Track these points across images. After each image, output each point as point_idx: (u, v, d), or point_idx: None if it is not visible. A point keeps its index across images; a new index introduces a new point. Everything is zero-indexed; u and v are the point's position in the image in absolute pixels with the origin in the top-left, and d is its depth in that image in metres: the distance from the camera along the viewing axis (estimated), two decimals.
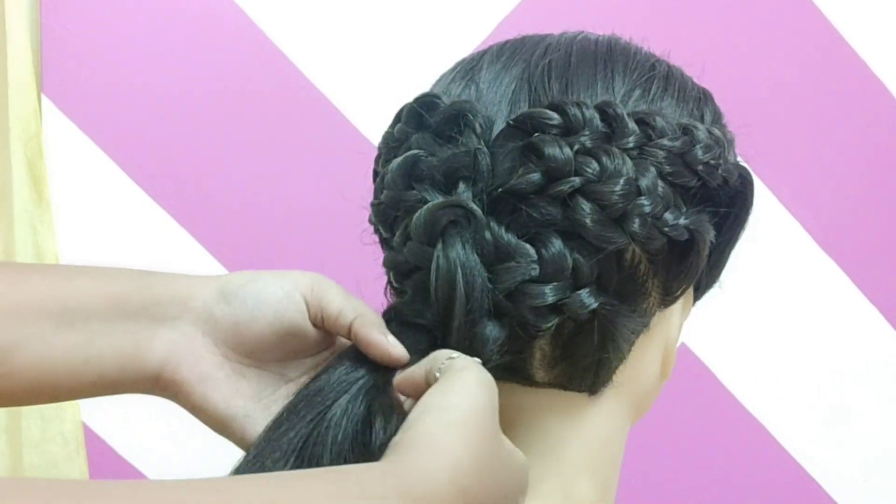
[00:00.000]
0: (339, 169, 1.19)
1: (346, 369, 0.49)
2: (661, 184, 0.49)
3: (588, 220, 0.47)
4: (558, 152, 0.48)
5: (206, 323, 0.50)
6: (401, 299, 0.51)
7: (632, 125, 0.49)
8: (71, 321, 0.48)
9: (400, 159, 0.50)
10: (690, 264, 0.53)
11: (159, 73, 1.17)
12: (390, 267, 0.52)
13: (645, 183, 0.48)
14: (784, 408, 1.36)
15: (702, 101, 0.55)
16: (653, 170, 0.49)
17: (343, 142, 1.21)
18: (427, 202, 0.49)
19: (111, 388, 0.50)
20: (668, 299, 0.54)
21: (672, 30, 1.25)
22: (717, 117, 0.55)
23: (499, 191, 0.48)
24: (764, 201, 1.30)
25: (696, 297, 0.59)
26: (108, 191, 1.17)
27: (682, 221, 0.50)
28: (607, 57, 0.53)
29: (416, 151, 0.50)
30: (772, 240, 1.32)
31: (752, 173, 0.57)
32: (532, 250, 0.48)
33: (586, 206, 0.48)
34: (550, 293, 0.48)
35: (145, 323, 0.49)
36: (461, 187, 0.49)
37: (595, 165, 0.48)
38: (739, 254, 0.59)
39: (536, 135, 0.48)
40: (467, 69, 0.54)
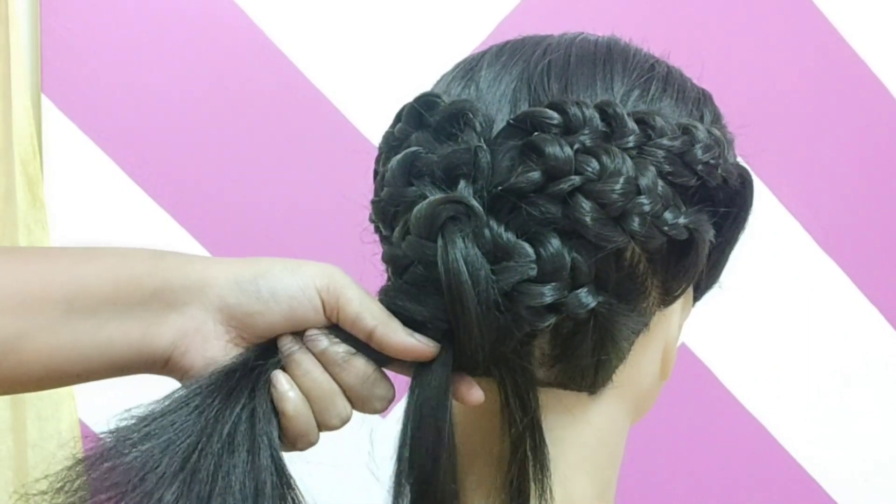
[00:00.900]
0: (338, 169, 1.19)
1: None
2: (660, 183, 0.49)
3: (588, 219, 0.47)
4: (558, 151, 0.48)
5: (218, 311, 0.50)
6: (395, 290, 0.51)
7: (631, 124, 0.49)
8: (79, 308, 0.48)
9: (400, 156, 0.51)
10: (690, 264, 0.53)
11: (159, 73, 1.17)
12: (388, 261, 0.53)
13: (645, 182, 0.48)
14: (784, 408, 1.36)
15: (701, 101, 0.55)
16: (652, 169, 0.49)
17: (343, 142, 1.21)
18: (426, 198, 0.49)
19: (121, 371, 0.50)
20: (667, 299, 0.54)
21: (672, 30, 1.25)
22: (716, 118, 0.55)
23: (498, 189, 0.48)
24: (764, 201, 1.30)
25: (696, 297, 0.59)
26: (108, 191, 1.17)
27: (681, 221, 0.50)
28: (607, 57, 0.53)
29: (417, 148, 0.50)
30: (772, 240, 1.32)
31: (752, 173, 0.57)
32: (530, 249, 0.48)
33: (586, 204, 0.48)
34: (549, 293, 0.48)
35: (155, 307, 0.49)
36: (461, 184, 0.49)
37: (595, 164, 0.48)
38: (739, 254, 0.59)
39: (536, 133, 0.48)
40: (467, 69, 0.54)
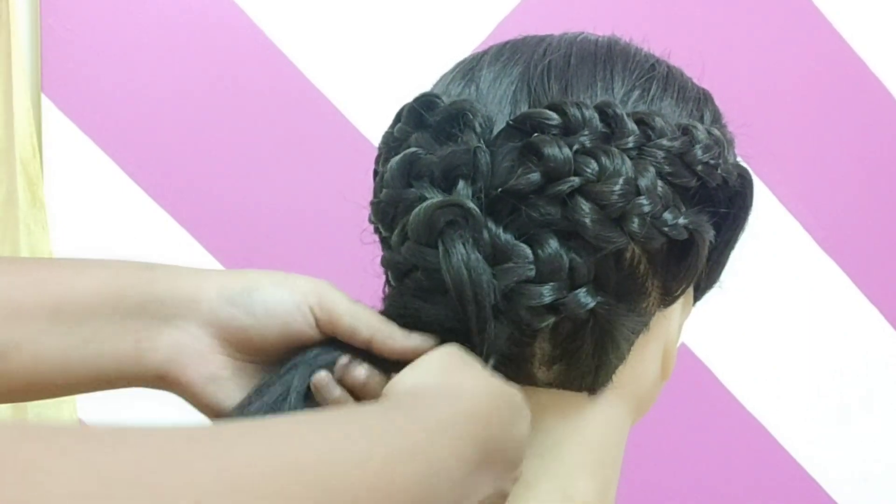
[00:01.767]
0: (338, 169, 1.19)
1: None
2: (660, 184, 0.49)
3: (587, 220, 0.47)
4: (557, 152, 0.48)
5: (212, 325, 0.49)
6: (399, 299, 0.51)
7: (631, 125, 0.49)
8: (67, 320, 0.47)
9: (399, 157, 0.50)
10: (690, 264, 0.53)
11: (159, 73, 1.17)
12: (388, 266, 0.52)
13: (644, 183, 0.48)
14: (784, 408, 1.36)
15: (701, 101, 0.55)
16: (652, 170, 0.49)
17: (343, 142, 1.21)
18: (426, 200, 0.49)
19: (110, 385, 0.50)
20: (667, 299, 0.54)
21: (672, 30, 1.25)
22: (716, 118, 0.55)
23: (498, 190, 0.48)
24: (764, 201, 1.30)
25: (696, 297, 0.59)
26: (108, 191, 1.17)
27: (681, 221, 0.50)
28: (607, 57, 0.53)
29: (416, 149, 0.50)
30: (772, 240, 1.32)
31: (752, 173, 0.57)
32: (528, 251, 0.48)
33: (585, 205, 0.47)
34: (547, 293, 0.48)
35: (147, 321, 0.49)
36: (460, 185, 0.49)
37: (594, 165, 0.48)
38: (739, 254, 0.59)
39: (536, 135, 0.48)
40: (467, 69, 0.54)
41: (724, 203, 0.54)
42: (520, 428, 0.46)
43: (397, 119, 0.53)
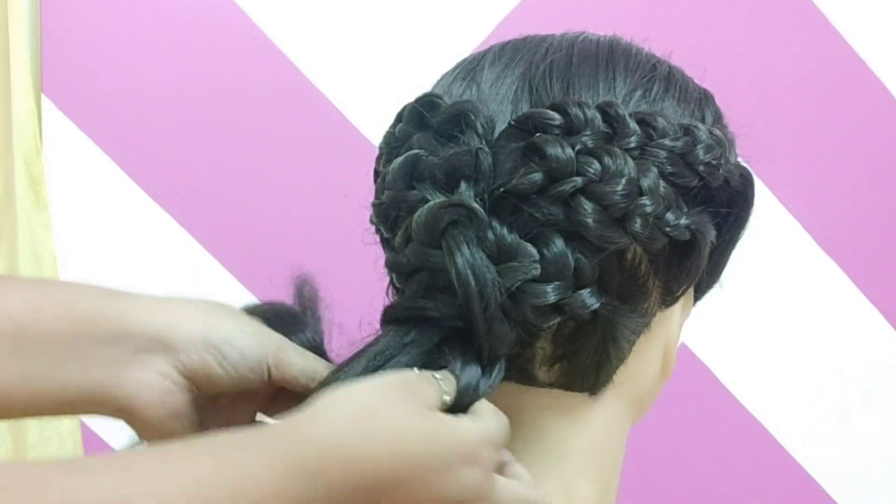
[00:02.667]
0: (338, 168, 1.19)
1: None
2: (662, 184, 0.49)
3: (590, 220, 0.47)
4: (560, 152, 0.48)
5: (182, 366, 0.48)
6: (403, 297, 0.51)
7: (633, 125, 0.49)
8: (30, 346, 0.46)
9: (401, 159, 0.50)
10: (691, 264, 0.53)
11: (159, 74, 1.17)
12: (392, 268, 0.52)
13: (646, 183, 0.48)
14: (784, 408, 1.36)
15: (703, 101, 0.55)
16: (654, 170, 0.49)
17: (343, 142, 1.21)
18: (428, 202, 0.49)
19: (72, 412, 0.49)
20: (668, 299, 0.54)
21: (672, 31, 1.25)
22: (718, 118, 0.55)
23: (500, 191, 0.48)
24: (764, 201, 1.30)
25: (697, 297, 0.59)
26: (108, 191, 1.17)
27: (683, 221, 0.50)
28: (609, 58, 0.53)
29: (418, 151, 0.50)
30: (772, 240, 1.32)
31: (752, 173, 0.57)
32: (533, 250, 0.48)
33: (588, 205, 0.47)
34: (552, 292, 0.48)
35: (115, 354, 0.48)
36: (462, 187, 0.49)
37: (597, 165, 0.48)
38: (739, 254, 0.59)
39: (538, 135, 0.48)
40: (468, 69, 0.54)
41: (725, 203, 0.54)
42: (459, 481, 0.42)
43: (398, 119, 0.53)
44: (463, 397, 0.46)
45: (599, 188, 0.48)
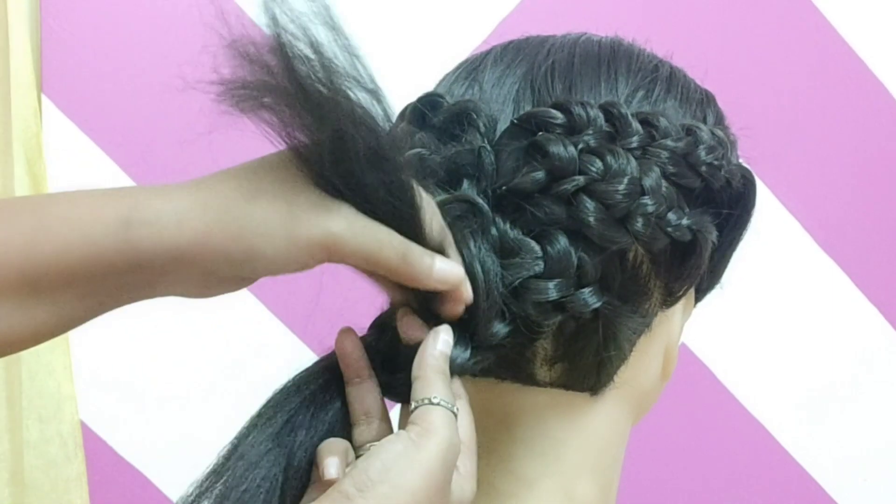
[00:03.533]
0: None
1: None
2: (664, 184, 0.49)
3: (592, 219, 0.47)
4: (563, 151, 0.48)
5: (205, 280, 0.45)
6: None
7: (636, 125, 0.49)
8: (41, 293, 0.43)
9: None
10: (692, 265, 0.53)
11: (159, 74, 1.17)
12: None
13: (649, 183, 0.48)
14: (784, 408, 1.36)
15: (704, 102, 0.55)
16: (656, 170, 0.49)
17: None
18: None
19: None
20: (669, 300, 0.54)
21: (672, 31, 1.25)
22: (719, 119, 0.55)
23: (503, 189, 0.49)
24: (764, 201, 1.30)
25: (698, 298, 0.59)
26: None
27: (684, 222, 0.50)
28: (611, 58, 0.53)
29: (420, 150, 0.50)
30: (772, 240, 1.32)
31: (754, 175, 0.57)
32: (537, 247, 0.48)
33: (590, 204, 0.48)
34: (554, 290, 0.48)
35: (136, 282, 0.44)
36: (465, 185, 0.49)
37: (599, 164, 0.48)
38: (739, 254, 0.59)
39: (541, 133, 0.48)
40: (470, 69, 0.54)
41: (727, 204, 0.54)
42: None
43: (401, 118, 0.54)
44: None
45: (602, 187, 0.48)
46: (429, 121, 0.51)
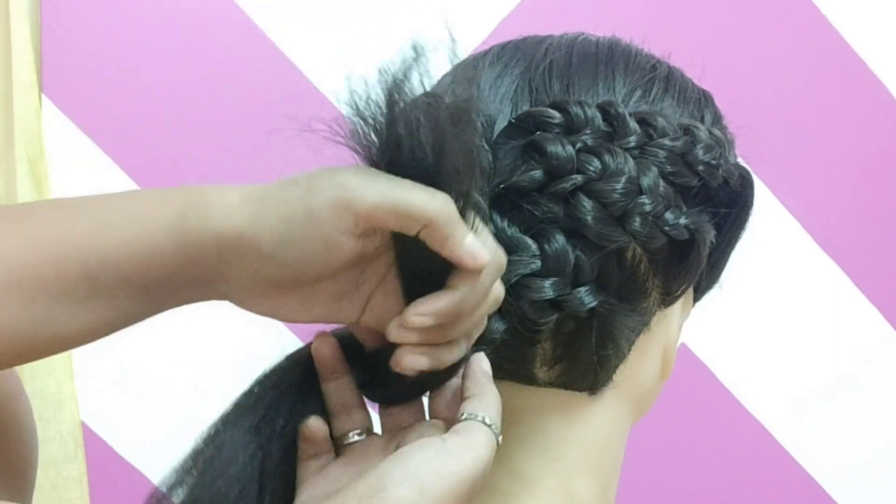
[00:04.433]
0: None
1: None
2: (662, 183, 0.49)
3: (589, 218, 0.48)
4: (560, 150, 0.48)
5: (254, 276, 0.44)
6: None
7: (633, 125, 0.49)
8: (100, 290, 0.43)
9: None
10: (691, 264, 0.53)
11: (159, 74, 1.17)
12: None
13: (646, 182, 0.48)
14: (784, 408, 1.36)
15: (702, 102, 0.55)
16: (654, 169, 0.49)
17: (343, 142, 1.21)
18: None
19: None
20: (668, 299, 0.54)
21: (672, 31, 1.25)
22: (717, 118, 0.55)
23: (500, 188, 0.49)
24: (764, 201, 1.30)
25: (696, 297, 0.59)
26: (108, 191, 1.17)
27: (682, 221, 0.50)
28: (608, 58, 0.53)
29: None
30: (772, 240, 1.32)
31: (752, 173, 0.57)
32: (534, 245, 0.48)
33: (588, 203, 0.48)
34: (550, 288, 0.48)
35: (186, 281, 0.44)
36: None
37: (597, 163, 0.48)
38: (739, 254, 0.59)
39: (539, 132, 0.49)
40: (469, 69, 0.54)
41: (724, 203, 0.54)
42: None
43: None
44: None
45: (599, 186, 0.48)
46: None
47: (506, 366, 0.51)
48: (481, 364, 0.47)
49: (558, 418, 0.53)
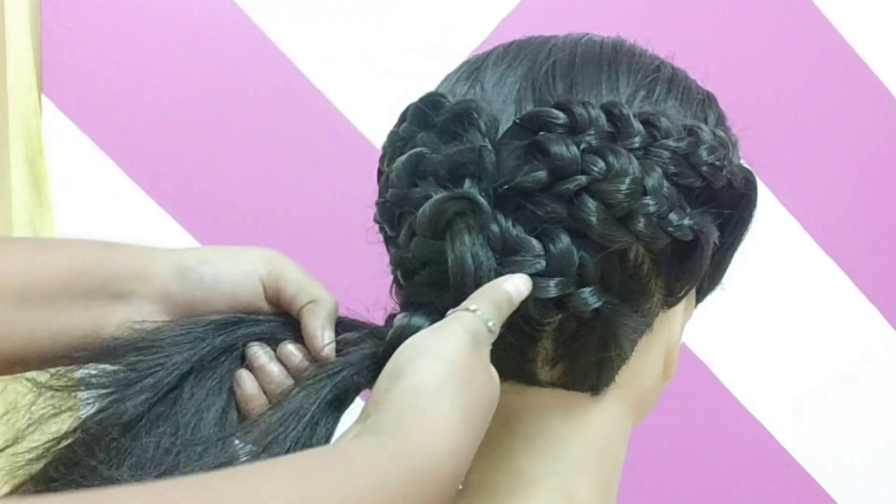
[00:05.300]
0: (339, 169, 1.19)
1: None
2: (666, 184, 0.49)
3: (593, 219, 0.47)
4: (564, 150, 0.48)
5: (163, 300, 0.51)
6: (410, 287, 0.51)
7: (637, 125, 0.49)
8: (33, 299, 0.49)
9: (405, 157, 0.51)
10: (694, 265, 0.53)
11: (159, 73, 1.17)
12: (397, 265, 0.52)
13: (650, 183, 0.48)
14: (784, 408, 1.36)
15: (706, 103, 0.55)
16: (658, 170, 0.49)
17: (343, 142, 1.21)
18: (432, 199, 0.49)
19: (71, 359, 0.51)
20: (670, 300, 0.54)
21: (675, 32, 1.25)
22: (720, 119, 0.55)
23: (504, 188, 0.49)
24: (764, 201, 1.30)
25: (699, 298, 0.59)
26: (109, 191, 1.17)
27: (686, 222, 0.50)
28: (612, 58, 0.53)
29: (421, 149, 0.50)
30: (772, 240, 1.32)
31: (755, 175, 0.57)
32: (538, 245, 0.48)
33: (592, 204, 0.48)
34: (554, 287, 0.48)
35: (104, 299, 0.51)
36: (466, 184, 0.49)
37: (601, 164, 0.48)
38: (740, 254, 0.59)
39: (543, 133, 0.48)
40: (472, 69, 0.54)
41: (728, 204, 0.54)
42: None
43: (402, 118, 0.54)
44: None
45: (603, 187, 0.48)
46: (430, 120, 0.51)
47: (507, 365, 0.51)
48: (498, 280, 0.48)
49: (559, 418, 0.53)
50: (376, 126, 1.18)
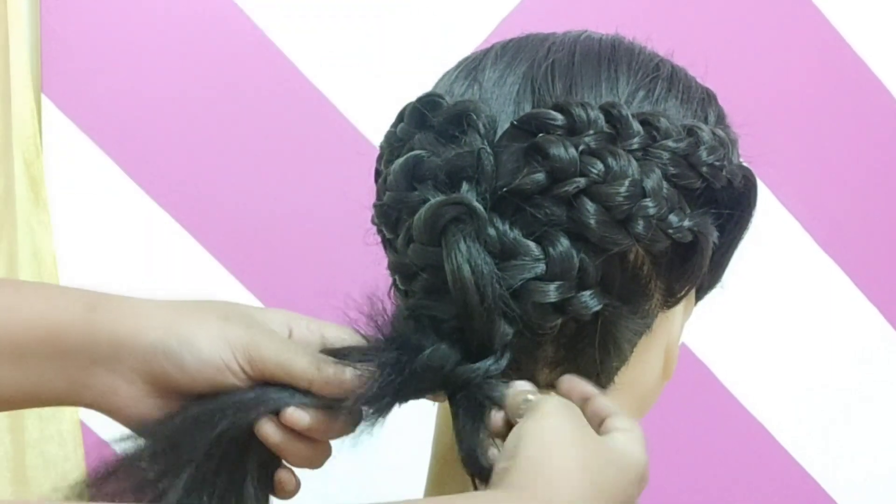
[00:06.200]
0: (338, 169, 1.19)
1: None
2: (665, 185, 0.49)
3: (593, 221, 0.47)
4: (563, 153, 0.47)
5: (144, 374, 0.49)
6: (410, 299, 0.51)
7: (636, 126, 0.49)
8: (5, 357, 0.48)
9: (402, 160, 0.50)
10: (693, 266, 0.53)
11: (159, 74, 1.17)
12: (395, 270, 0.52)
13: (650, 184, 0.48)
14: (784, 408, 1.36)
15: (706, 101, 0.54)
16: (658, 171, 0.48)
17: (343, 142, 1.21)
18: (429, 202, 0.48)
19: (48, 405, 0.52)
20: (670, 301, 0.54)
21: (674, 30, 1.25)
22: (720, 118, 0.55)
23: (503, 191, 0.48)
24: (764, 201, 1.30)
25: (698, 297, 0.58)
26: (108, 191, 1.17)
27: (686, 223, 0.50)
28: (611, 57, 0.53)
29: (419, 152, 0.50)
30: (772, 240, 1.32)
31: (755, 174, 0.57)
32: (536, 248, 0.48)
33: (591, 206, 0.47)
34: (554, 291, 0.47)
35: (83, 362, 0.49)
36: (464, 187, 0.48)
37: (600, 166, 0.47)
38: (740, 254, 0.59)
39: (541, 135, 0.48)
40: (470, 68, 0.53)
41: (728, 204, 0.54)
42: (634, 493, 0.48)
43: (400, 118, 0.53)
44: None
45: (603, 189, 0.47)
46: (428, 121, 0.51)
47: (509, 369, 0.50)
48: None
49: None
50: (376, 126, 1.18)
